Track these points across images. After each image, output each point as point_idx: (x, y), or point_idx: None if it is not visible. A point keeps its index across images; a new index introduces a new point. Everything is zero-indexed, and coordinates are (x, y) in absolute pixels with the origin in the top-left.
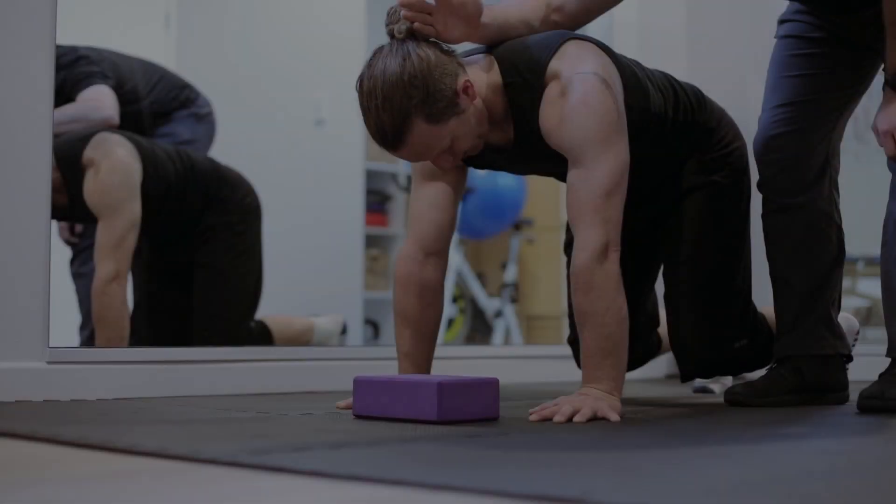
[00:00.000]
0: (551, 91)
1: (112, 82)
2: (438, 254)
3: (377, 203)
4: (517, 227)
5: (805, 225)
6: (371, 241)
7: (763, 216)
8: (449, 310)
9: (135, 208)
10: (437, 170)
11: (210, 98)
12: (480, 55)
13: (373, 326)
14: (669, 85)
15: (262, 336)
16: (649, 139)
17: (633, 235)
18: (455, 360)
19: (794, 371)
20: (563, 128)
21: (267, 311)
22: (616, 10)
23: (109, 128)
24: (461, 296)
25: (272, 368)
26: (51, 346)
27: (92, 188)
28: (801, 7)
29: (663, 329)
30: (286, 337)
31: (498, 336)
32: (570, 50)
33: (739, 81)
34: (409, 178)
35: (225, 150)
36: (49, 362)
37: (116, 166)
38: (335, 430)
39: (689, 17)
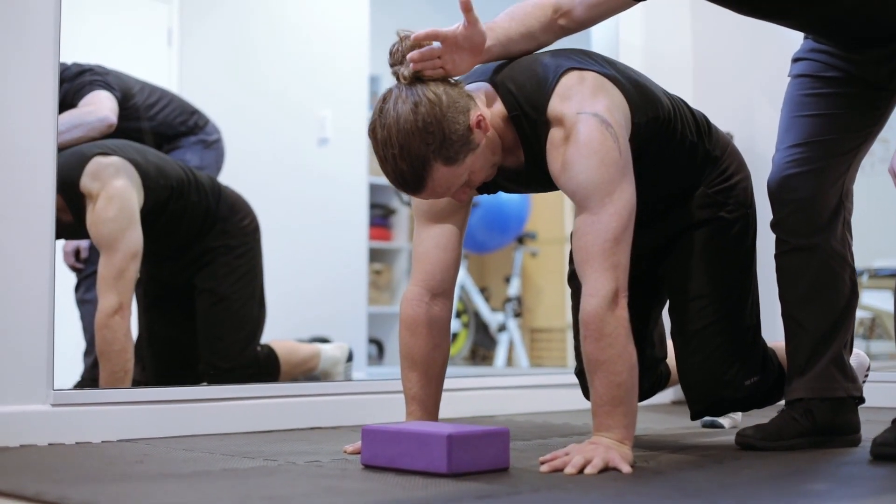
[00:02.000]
0: (555, 135)
1: (116, 92)
2: (445, 294)
3: (381, 217)
4: (521, 240)
5: (818, 266)
6: (375, 255)
7: (776, 256)
8: (452, 324)
9: (134, 238)
10: (440, 209)
11: (213, 114)
12: (481, 83)
13: (377, 345)
14: (678, 100)
15: (269, 361)
16: (655, 150)
17: (639, 266)
18: (460, 393)
19: (806, 414)
20: (567, 173)
21: (272, 326)
22: (621, 33)
23: (108, 130)
24: (465, 310)
25: (277, 405)
26: (55, 388)
27: (91, 220)
28: (815, 45)
29: (671, 360)
30: (292, 362)
31: (501, 350)
32: (571, 85)
33: (746, 105)
34: None
35: (228, 167)
36: (53, 405)
37: (113, 196)
38: (344, 489)
39: (695, 40)
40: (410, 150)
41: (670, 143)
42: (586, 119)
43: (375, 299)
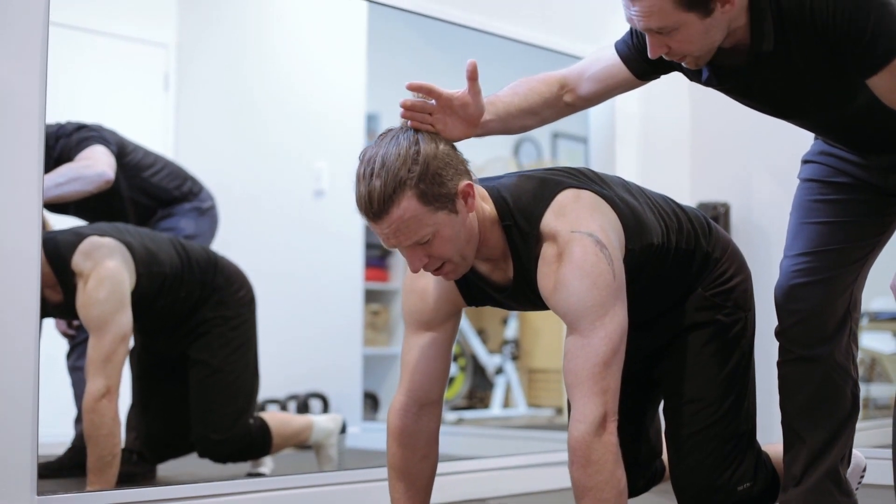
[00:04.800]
0: (547, 251)
1: (112, 147)
2: (433, 404)
3: (378, 258)
4: None
5: (820, 378)
6: (372, 296)
7: (779, 364)
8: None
9: (124, 321)
10: (430, 318)
11: (209, 162)
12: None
13: (371, 399)
14: (672, 212)
15: (261, 433)
16: (649, 273)
17: (635, 366)
18: (455, 477)
19: None
20: (559, 293)
21: (267, 379)
22: (618, 102)
23: (106, 185)
24: (462, 353)
25: (266, 499)
26: (38, 494)
27: (80, 301)
28: (825, 148)
29: (666, 456)
30: (285, 434)
31: (499, 392)
32: (566, 203)
33: (744, 175)
34: None
35: (223, 217)
36: None
37: (104, 278)
38: None
39: (693, 109)
40: (390, 171)
41: (665, 263)
42: (581, 239)
43: (372, 340)
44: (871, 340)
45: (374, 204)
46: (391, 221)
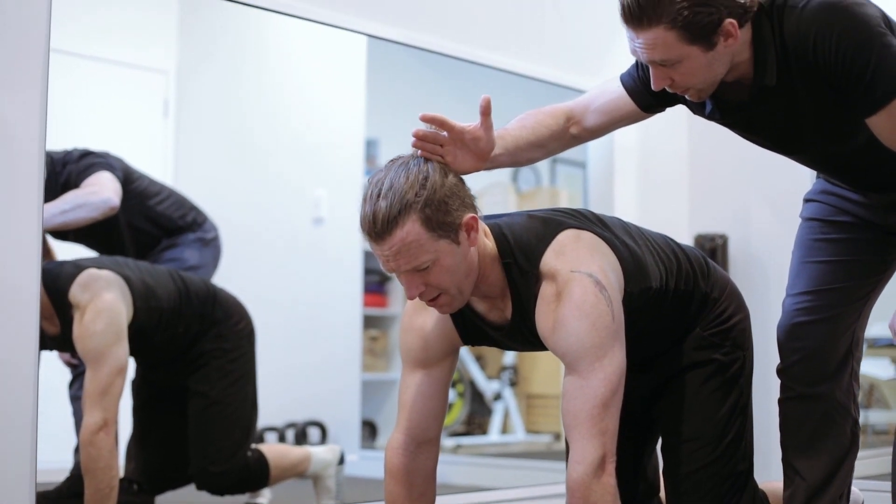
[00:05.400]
0: (546, 290)
1: (118, 173)
2: (430, 442)
3: (377, 284)
4: None
5: (820, 416)
6: (371, 322)
7: (780, 402)
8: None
9: (121, 353)
10: (428, 356)
11: (207, 189)
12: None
13: (369, 427)
14: (672, 252)
15: (259, 466)
16: (647, 315)
17: (633, 405)
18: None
19: None
20: (557, 333)
21: (267, 401)
22: (616, 134)
23: (111, 212)
24: (460, 379)
25: None
26: None
27: (77, 333)
28: (826, 187)
29: (664, 494)
30: (283, 466)
31: (497, 418)
32: (567, 242)
33: (742, 206)
34: None
35: (222, 243)
36: None
37: (102, 310)
38: None
39: (690, 141)
40: (397, 193)
41: (663, 305)
42: (580, 279)
43: (371, 366)
44: (869, 366)
45: (378, 224)
46: (393, 243)
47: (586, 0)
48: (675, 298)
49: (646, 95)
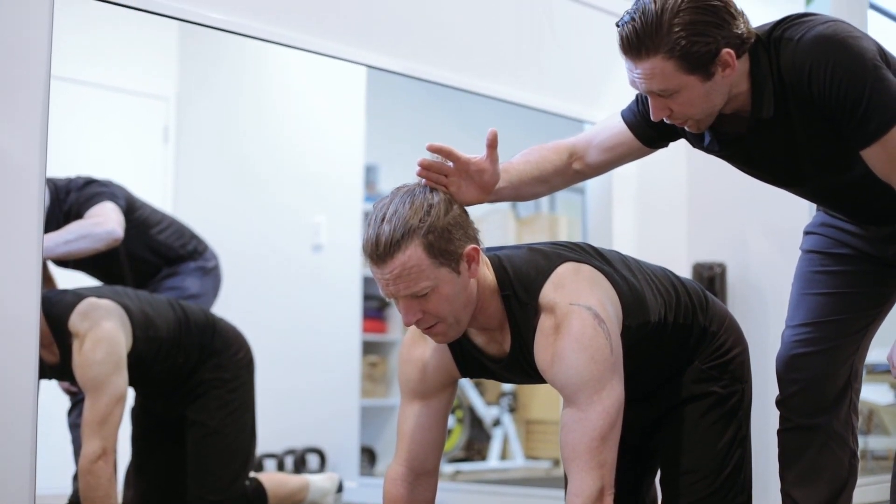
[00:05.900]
0: (545, 323)
1: (121, 202)
2: (428, 473)
3: (375, 309)
4: None
5: (819, 447)
6: (370, 348)
7: (778, 433)
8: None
9: (121, 382)
10: (426, 387)
11: (207, 215)
12: None
13: (368, 454)
14: (671, 285)
15: (258, 495)
16: (646, 349)
17: (631, 437)
18: None
19: None
20: (556, 366)
21: (266, 427)
22: None
23: (114, 244)
24: (459, 405)
25: None
26: None
27: (77, 362)
28: (826, 219)
29: None
30: (281, 495)
31: (496, 444)
32: (566, 275)
33: (740, 235)
34: None
35: (221, 270)
36: None
37: (101, 339)
38: None
39: (689, 169)
40: (401, 218)
41: (661, 339)
42: (579, 312)
43: (370, 392)
44: (868, 392)
45: (381, 247)
46: (394, 266)
47: (585, 30)
48: (674, 332)
49: (647, 129)
